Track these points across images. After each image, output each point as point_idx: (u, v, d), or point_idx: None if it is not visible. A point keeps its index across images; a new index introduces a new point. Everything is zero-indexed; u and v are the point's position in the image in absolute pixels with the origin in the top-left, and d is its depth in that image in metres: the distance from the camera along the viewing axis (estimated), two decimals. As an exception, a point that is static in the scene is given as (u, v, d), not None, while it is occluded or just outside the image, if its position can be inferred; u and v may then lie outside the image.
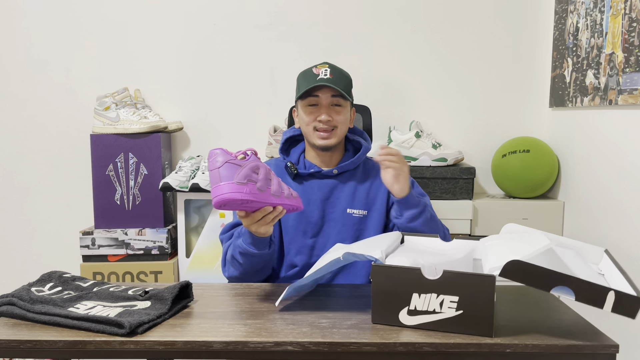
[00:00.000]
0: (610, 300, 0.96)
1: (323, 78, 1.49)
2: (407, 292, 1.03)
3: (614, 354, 0.99)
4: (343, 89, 1.50)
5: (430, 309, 1.02)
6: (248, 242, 1.34)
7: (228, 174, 1.12)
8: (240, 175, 1.13)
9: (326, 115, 1.50)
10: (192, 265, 2.25)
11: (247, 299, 1.23)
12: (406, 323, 1.04)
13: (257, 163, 1.19)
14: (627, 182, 1.73)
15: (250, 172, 1.15)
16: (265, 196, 1.17)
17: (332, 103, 1.52)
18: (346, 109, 1.54)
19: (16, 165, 2.45)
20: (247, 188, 1.13)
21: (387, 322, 1.05)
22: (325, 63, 1.55)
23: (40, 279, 1.24)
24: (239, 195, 1.12)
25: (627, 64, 1.69)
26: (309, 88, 1.49)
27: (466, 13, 2.35)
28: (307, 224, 1.53)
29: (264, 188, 1.17)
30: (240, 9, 2.37)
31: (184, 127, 2.39)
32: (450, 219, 2.12)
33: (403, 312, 1.04)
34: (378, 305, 1.06)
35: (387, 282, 1.04)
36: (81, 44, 2.39)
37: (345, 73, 1.57)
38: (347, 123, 1.56)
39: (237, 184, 1.12)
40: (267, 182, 1.19)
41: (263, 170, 1.19)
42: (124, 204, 2.23)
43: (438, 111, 2.40)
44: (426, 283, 1.01)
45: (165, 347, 1.00)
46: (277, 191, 1.21)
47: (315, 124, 1.51)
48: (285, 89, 2.37)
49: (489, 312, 1.00)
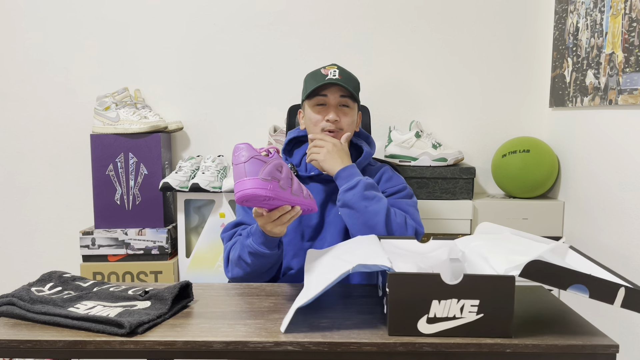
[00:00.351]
0: (621, 296, 0.97)
1: (332, 78, 1.49)
2: (426, 300, 0.98)
3: (614, 354, 0.98)
4: (352, 90, 1.51)
5: (450, 315, 0.99)
6: (259, 241, 1.34)
7: (253, 169, 1.12)
8: (265, 172, 1.12)
9: (334, 114, 1.50)
10: (192, 265, 2.25)
11: (247, 299, 1.23)
12: (425, 332, 0.99)
13: (281, 161, 1.19)
14: (627, 182, 1.73)
15: (275, 170, 1.15)
16: (286, 195, 1.17)
17: (340, 103, 1.52)
18: (353, 111, 1.54)
19: (16, 165, 2.45)
20: (271, 185, 1.13)
21: (405, 333, 1.00)
22: (334, 64, 1.55)
23: (40, 279, 1.24)
24: (262, 191, 1.11)
25: (627, 64, 1.69)
26: (318, 86, 1.49)
27: (466, 13, 2.35)
28: (306, 227, 1.53)
29: (286, 187, 1.17)
30: (240, 9, 2.37)
31: (184, 127, 2.39)
32: (450, 219, 2.12)
33: (422, 320, 0.99)
34: (395, 315, 1.00)
35: (406, 290, 0.98)
36: (81, 44, 2.39)
37: (353, 76, 1.57)
38: (353, 126, 1.55)
39: (262, 180, 1.12)
40: (289, 181, 1.19)
41: (285, 169, 1.19)
42: (124, 204, 2.23)
43: (438, 111, 2.40)
44: (446, 288, 0.98)
45: (165, 347, 1.00)
46: (297, 191, 1.21)
47: (323, 124, 1.51)
48: (285, 89, 2.37)
49: (509, 313, 0.99)
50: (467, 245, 1.19)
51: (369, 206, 1.39)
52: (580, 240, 2.03)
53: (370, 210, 1.39)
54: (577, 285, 0.97)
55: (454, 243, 1.25)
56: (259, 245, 1.34)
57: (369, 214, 1.39)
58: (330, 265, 1.09)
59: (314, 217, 1.53)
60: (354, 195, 1.40)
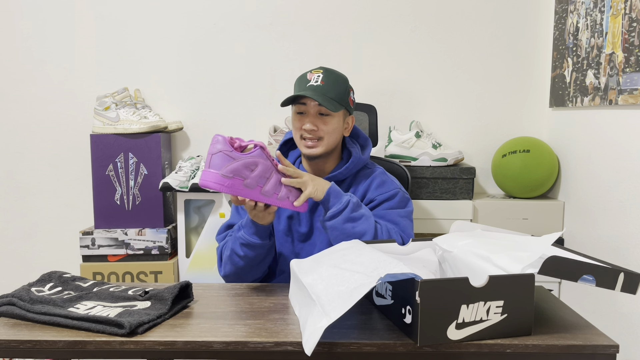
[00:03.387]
0: (620, 281, 1.01)
1: (313, 85, 1.43)
2: (455, 305, 0.96)
3: (614, 354, 0.98)
4: (333, 97, 1.44)
5: (477, 319, 0.98)
6: (251, 232, 1.36)
7: (218, 163, 1.18)
8: (229, 169, 1.18)
9: (311, 124, 1.44)
10: (192, 265, 2.25)
11: (247, 299, 1.23)
12: (454, 338, 0.97)
13: (257, 160, 1.21)
14: (627, 182, 1.73)
15: (242, 168, 1.20)
16: (252, 193, 1.22)
17: (319, 112, 1.45)
18: (335, 119, 1.47)
19: (16, 165, 2.45)
20: (230, 182, 1.19)
21: (435, 342, 0.97)
22: (321, 68, 1.49)
23: (40, 279, 1.24)
24: (217, 186, 1.18)
25: (627, 64, 1.69)
26: (294, 96, 1.44)
27: (466, 13, 2.35)
28: (295, 231, 1.53)
29: (254, 185, 1.22)
30: (240, 9, 2.36)
31: (184, 127, 2.39)
32: (450, 219, 2.12)
33: (451, 327, 0.97)
34: (426, 324, 0.96)
35: (437, 297, 0.95)
36: (81, 44, 2.39)
37: (340, 79, 1.48)
38: (336, 133, 1.48)
39: (221, 176, 1.18)
40: (261, 180, 1.23)
41: (261, 168, 1.21)
42: (124, 204, 2.23)
43: (438, 111, 2.40)
44: (473, 292, 0.97)
45: (165, 347, 1.00)
46: (269, 192, 1.25)
47: (301, 132, 1.46)
48: (285, 89, 2.37)
49: (530, 311, 1.00)
50: (453, 245, 1.18)
51: (356, 227, 1.38)
52: (580, 240, 2.03)
53: (357, 232, 1.37)
54: (586, 276, 1.00)
55: (434, 242, 1.24)
56: (251, 235, 1.36)
57: (356, 235, 1.36)
58: (339, 277, 1.02)
59: (302, 222, 1.52)
60: (341, 218, 1.37)
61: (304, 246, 1.52)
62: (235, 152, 1.20)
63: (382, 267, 0.99)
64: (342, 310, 0.93)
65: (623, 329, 1.73)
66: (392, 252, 1.25)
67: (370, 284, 0.95)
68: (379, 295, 1.13)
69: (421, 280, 0.94)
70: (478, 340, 0.98)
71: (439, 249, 1.22)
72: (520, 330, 1.01)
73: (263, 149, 1.24)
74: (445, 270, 1.21)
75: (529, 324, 1.01)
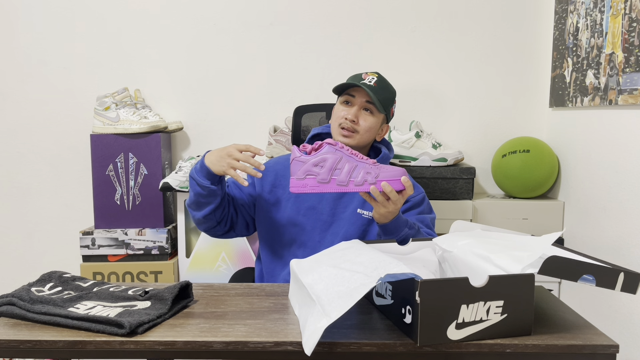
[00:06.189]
0: (620, 281, 1.01)
1: (366, 83, 1.52)
2: (455, 305, 0.96)
3: (614, 354, 0.98)
4: (381, 99, 1.53)
5: (477, 319, 0.98)
6: (202, 175, 1.47)
7: (294, 169, 1.32)
8: (300, 172, 1.31)
9: (353, 115, 1.53)
10: (192, 265, 2.25)
11: (247, 299, 1.23)
12: (454, 338, 0.97)
13: (324, 156, 1.30)
14: (627, 182, 1.73)
15: (311, 168, 1.31)
16: (328, 187, 1.31)
17: (365, 107, 1.54)
18: (375, 119, 1.56)
19: (16, 165, 2.45)
20: (306, 182, 1.31)
21: (435, 342, 0.97)
22: (376, 73, 1.58)
23: (40, 279, 1.24)
24: (296, 189, 1.31)
25: (627, 64, 1.69)
26: (346, 84, 1.54)
27: (466, 13, 2.35)
28: (317, 220, 1.56)
29: (327, 179, 1.31)
30: (240, 9, 2.37)
31: (184, 127, 2.39)
32: (450, 219, 2.12)
33: (451, 327, 0.97)
34: (426, 324, 0.96)
35: (437, 297, 0.95)
36: (81, 44, 2.39)
37: (390, 88, 1.59)
38: (371, 132, 1.56)
39: (297, 180, 1.31)
40: (332, 172, 1.31)
41: (329, 163, 1.30)
42: (124, 204, 2.23)
43: (438, 111, 2.40)
44: (474, 292, 0.97)
45: (165, 347, 1.00)
46: (344, 180, 1.31)
47: (341, 121, 1.54)
48: (285, 90, 2.37)
49: (530, 311, 1.00)
50: (453, 244, 1.19)
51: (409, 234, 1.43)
52: (580, 240, 2.03)
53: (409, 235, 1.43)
54: (587, 276, 0.99)
55: (434, 242, 1.25)
56: (200, 176, 1.48)
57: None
58: (339, 277, 1.02)
59: (325, 211, 1.56)
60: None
61: (326, 236, 1.55)
62: (304, 156, 1.31)
63: (382, 267, 0.99)
64: (342, 310, 0.93)
65: (623, 329, 1.73)
66: (392, 252, 1.25)
67: (370, 284, 0.95)
68: (379, 295, 1.13)
69: (421, 280, 0.94)
70: (478, 340, 0.98)
71: (439, 248, 1.22)
72: (520, 330, 1.01)
73: (330, 145, 1.32)
74: (445, 270, 1.21)
75: (528, 324, 1.01)
